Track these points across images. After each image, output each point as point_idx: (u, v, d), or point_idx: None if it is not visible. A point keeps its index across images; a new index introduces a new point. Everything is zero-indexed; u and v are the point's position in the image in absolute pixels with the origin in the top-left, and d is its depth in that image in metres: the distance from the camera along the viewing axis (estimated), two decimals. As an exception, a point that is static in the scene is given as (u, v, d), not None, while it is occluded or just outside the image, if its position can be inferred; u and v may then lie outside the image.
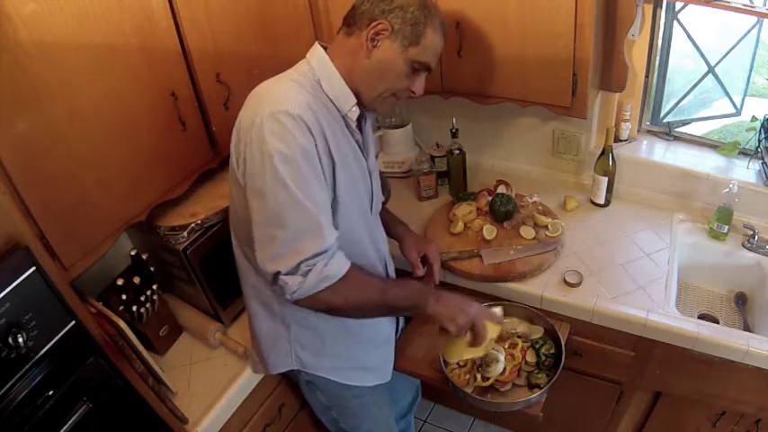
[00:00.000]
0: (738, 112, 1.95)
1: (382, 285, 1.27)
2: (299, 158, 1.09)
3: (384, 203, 1.60)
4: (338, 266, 1.15)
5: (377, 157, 1.48)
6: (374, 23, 1.15)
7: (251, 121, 1.10)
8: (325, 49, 1.23)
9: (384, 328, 1.53)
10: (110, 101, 1.23)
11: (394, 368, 1.58)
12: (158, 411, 1.28)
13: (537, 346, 1.52)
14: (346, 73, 1.20)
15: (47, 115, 1.12)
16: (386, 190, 1.79)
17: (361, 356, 1.49)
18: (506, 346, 1.50)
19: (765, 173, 1.76)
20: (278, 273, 1.12)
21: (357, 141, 1.28)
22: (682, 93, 1.96)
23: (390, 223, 1.61)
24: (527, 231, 1.81)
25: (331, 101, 1.21)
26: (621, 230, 1.85)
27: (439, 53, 1.25)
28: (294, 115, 1.08)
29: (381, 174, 1.58)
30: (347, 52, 1.20)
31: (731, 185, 1.69)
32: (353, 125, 1.26)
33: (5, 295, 0.92)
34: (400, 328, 1.64)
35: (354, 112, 1.23)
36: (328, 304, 1.19)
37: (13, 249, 0.95)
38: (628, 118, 1.93)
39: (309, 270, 1.12)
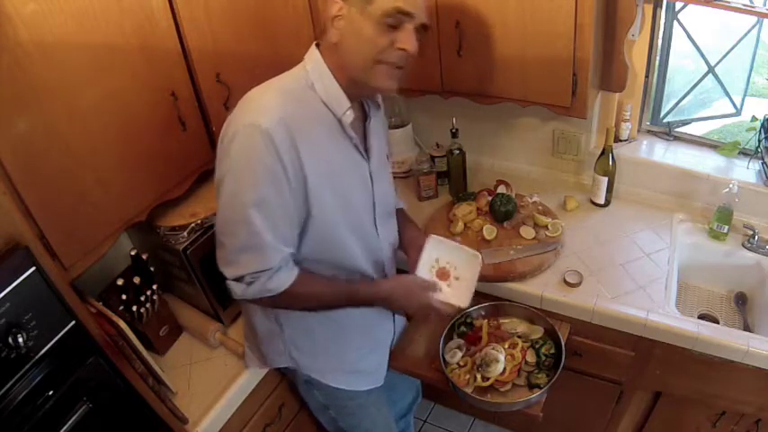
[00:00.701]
0: (738, 112, 1.95)
1: (329, 294, 1.28)
2: (260, 177, 1.09)
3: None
4: (281, 282, 1.19)
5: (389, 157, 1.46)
6: (329, 6, 1.12)
7: (228, 128, 1.12)
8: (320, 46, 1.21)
9: (379, 332, 1.53)
10: (110, 101, 1.23)
11: (395, 368, 1.58)
12: (158, 411, 1.28)
13: (537, 346, 1.52)
14: (337, 69, 1.17)
15: (47, 115, 1.12)
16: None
17: (356, 360, 1.48)
18: (506, 346, 1.50)
19: (765, 173, 1.76)
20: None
21: (356, 145, 1.25)
22: (682, 93, 1.96)
23: (399, 226, 1.52)
24: (527, 231, 1.81)
25: (325, 105, 1.18)
26: (621, 230, 1.85)
27: None
28: (263, 130, 1.07)
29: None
30: (329, 48, 1.17)
31: (731, 185, 1.69)
32: (349, 130, 1.22)
33: (5, 295, 0.92)
34: (396, 332, 1.61)
35: (348, 116, 1.20)
36: (275, 307, 1.30)
37: (13, 249, 0.95)
38: (628, 118, 1.93)
39: (253, 281, 1.17)
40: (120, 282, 1.45)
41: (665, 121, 2.00)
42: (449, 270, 1.43)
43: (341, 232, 1.27)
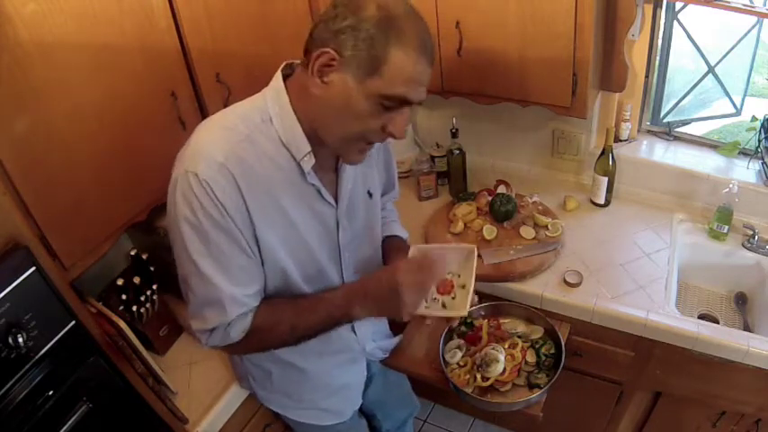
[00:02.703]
0: (738, 112, 1.95)
1: (291, 324, 1.12)
2: (206, 227, 1.00)
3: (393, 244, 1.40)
4: (239, 331, 1.10)
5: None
6: (318, 53, 0.94)
7: (174, 167, 1.03)
8: (292, 75, 1.05)
9: (341, 376, 1.42)
10: (109, 101, 1.23)
11: (395, 368, 1.58)
12: (158, 411, 1.28)
13: (537, 346, 1.52)
14: (302, 112, 1.02)
15: (47, 115, 1.12)
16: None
17: (316, 400, 1.42)
18: (506, 346, 1.50)
19: (765, 173, 1.76)
20: None
21: (319, 190, 1.11)
22: (682, 93, 1.96)
23: (390, 253, 1.37)
24: (527, 231, 1.81)
25: (283, 144, 1.03)
26: (621, 230, 1.85)
27: (421, 80, 0.98)
28: (201, 179, 0.97)
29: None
30: (301, 86, 1.01)
31: (731, 185, 1.69)
32: (311, 176, 1.08)
33: (5, 295, 0.92)
34: (372, 372, 1.53)
35: (308, 162, 1.05)
36: (242, 353, 1.29)
37: (13, 249, 0.95)
38: (628, 118, 1.93)
39: (214, 329, 1.10)
40: (120, 282, 1.45)
41: (665, 121, 2.00)
42: (451, 280, 1.25)
43: (299, 285, 1.17)
